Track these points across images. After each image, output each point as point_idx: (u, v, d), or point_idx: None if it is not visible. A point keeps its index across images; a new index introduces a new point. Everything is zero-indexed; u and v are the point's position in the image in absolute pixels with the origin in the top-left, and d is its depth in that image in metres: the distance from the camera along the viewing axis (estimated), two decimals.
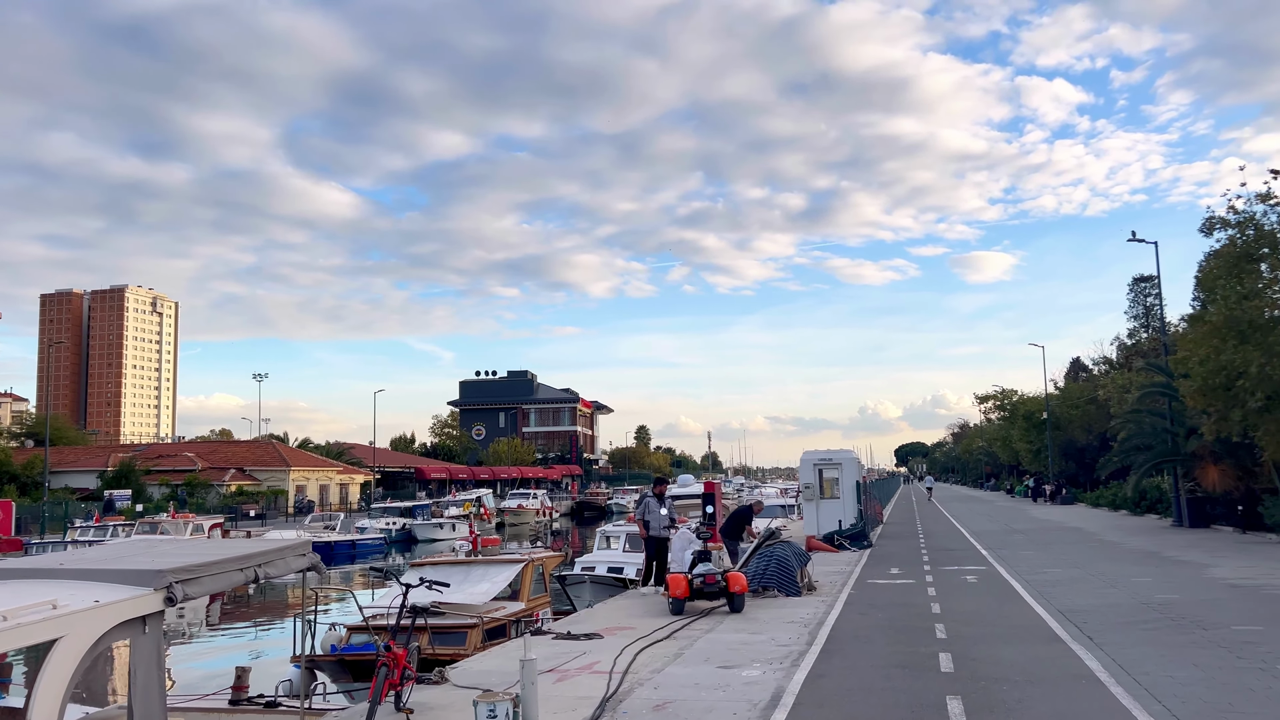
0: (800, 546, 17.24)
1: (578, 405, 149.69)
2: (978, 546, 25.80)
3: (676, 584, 14.26)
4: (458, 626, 12.85)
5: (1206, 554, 21.92)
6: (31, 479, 68.37)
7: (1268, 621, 12.25)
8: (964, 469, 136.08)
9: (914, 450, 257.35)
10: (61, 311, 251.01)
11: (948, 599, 15.28)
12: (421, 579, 9.59)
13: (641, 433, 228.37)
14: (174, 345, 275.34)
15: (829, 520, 29.08)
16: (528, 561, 15.17)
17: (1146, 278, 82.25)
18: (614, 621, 13.79)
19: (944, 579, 18.20)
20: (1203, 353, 23.42)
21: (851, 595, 16.19)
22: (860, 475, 30.85)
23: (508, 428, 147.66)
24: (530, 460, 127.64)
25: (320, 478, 75.33)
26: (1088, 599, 14.92)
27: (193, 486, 68.09)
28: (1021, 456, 68.96)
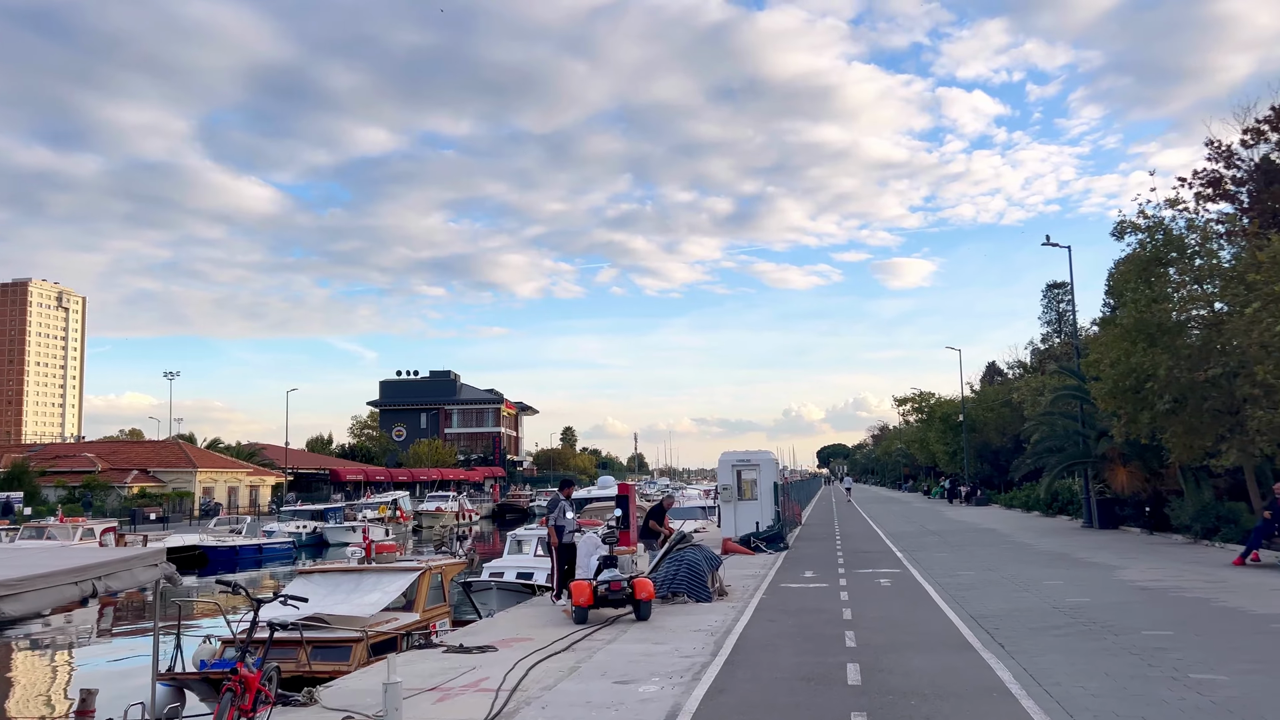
0: (712, 550, 16.70)
1: (501, 406, 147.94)
2: (893, 549, 25.66)
3: (580, 591, 13.56)
4: (340, 641, 11.97)
5: (1116, 555, 22.04)
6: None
7: (1177, 626, 12.06)
8: (883, 470, 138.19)
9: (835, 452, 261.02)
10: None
11: (860, 604, 14.88)
12: (276, 594, 8.71)
13: (567, 434, 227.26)
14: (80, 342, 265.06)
15: (746, 522, 28.74)
16: (424, 570, 14.31)
17: (1059, 284, 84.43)
18: (513, 632, 13.04)
19: (858, 582, 17.85)
20: (1113, 355, 23.61)
21: (763, 600, 15.70)
22: (778, 477, 30.58)
23: (429, 429, 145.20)
24: (452, 462, 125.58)
25: (229, 480, 72.72)
26: (999, 603, 14.66)
27: (92, 488, 65.07)
28: (938, 458, 69.94)
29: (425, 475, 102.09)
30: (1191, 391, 22.34)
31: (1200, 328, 22.90)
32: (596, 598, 13.59)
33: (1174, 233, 24.06)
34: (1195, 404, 22.38)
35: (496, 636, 12.58)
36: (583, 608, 13.53)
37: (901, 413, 75.64)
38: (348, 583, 14.01)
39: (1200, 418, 22.45)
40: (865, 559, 22.81)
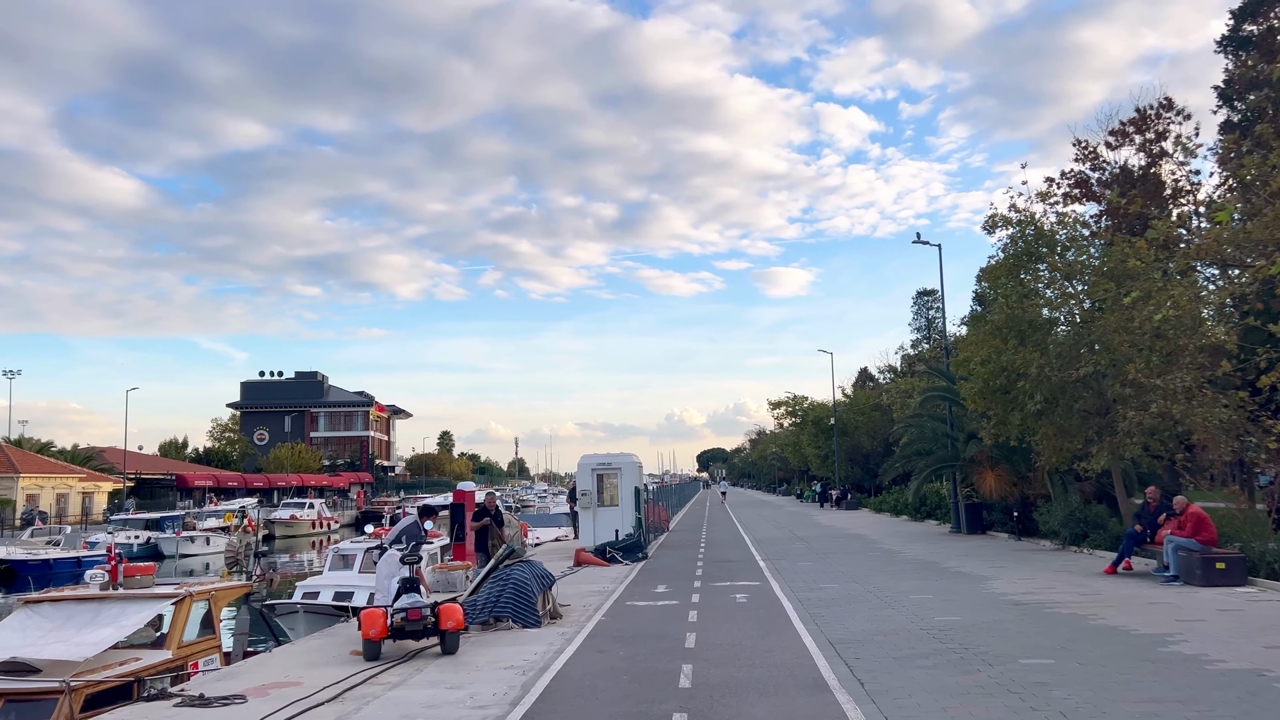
0: (544, 567, 14.56)
1: (371, 409, 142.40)
2: (757, 557, 24.06)
3: (370, 621, 11.21)
4: (39, 692, 9.33)
5: (985, 564, 20.92)
6: None
7: (1057, 652, 10.55)
8: (759, 474, 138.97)
9: (715, 456, 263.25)
10: None
11: (708, 627, 12.99)
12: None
13: (445, 439, 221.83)
14: None
15: (606, 530, 26.76)
16: (182, 597, 11.70)
17: (928, 291, 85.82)
18: (283, 673, 10.59)
19: (712, 599, 16.00)
20: (983, 354, 22.57)
21: (601, 623, 13.65)
22: (641, 481, 28.70)
23: (294, 433, 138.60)
24: (316, 467, 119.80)
25: (58, 486, 66.65)
26: (863, 623, 12.99)
27: None
28: (810, 462, 69.69)
29: (284, 481, 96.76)
30: (1062, 392, 21.43)
31: (1071, 325, 22.05)
32: (392, 629, 11.28)
33: (1044, 228, 23.22)
34: (1066, 404, 21.49)
35: (257, 681, 10.12)
36: (373, 641, 11.19)
37: (776, 416, 75.32)
38: (83, 614, 11.32)
39: (1070, 419, 21.57)
40: (726, 570, 21.07)
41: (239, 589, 13.33)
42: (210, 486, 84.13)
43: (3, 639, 10.78)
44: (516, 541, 19.81)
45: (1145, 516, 17.91)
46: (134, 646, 11.46)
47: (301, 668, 10.94)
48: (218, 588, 12.61)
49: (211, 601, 12.33)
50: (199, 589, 12.15)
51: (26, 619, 11.24)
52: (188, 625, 11.80)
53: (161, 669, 11.00)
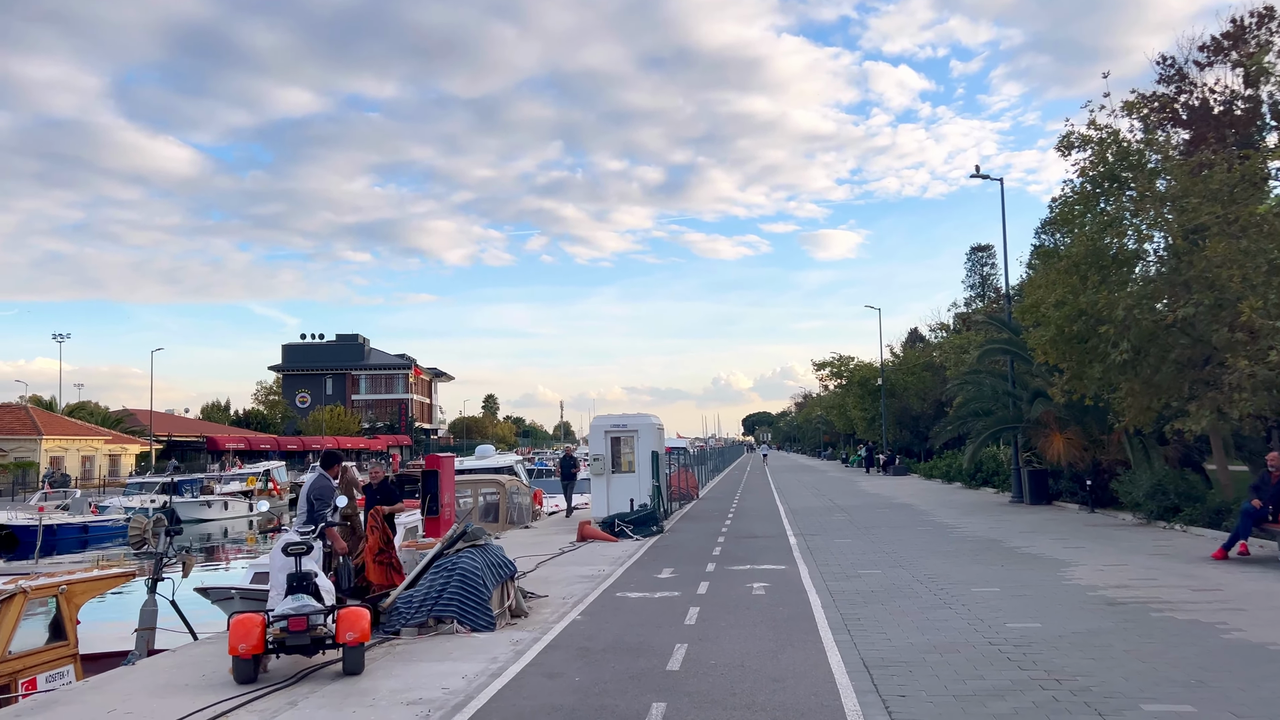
0: (501, 552, 11.60)
1: (409, 372, 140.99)
2: (789, 531, 20.95)
3: (241, 632, 8.32)
4: None
5: (1058, 542, 17.61)
6: None
7: (1192, 690, 7.33)
8: (804, 438, 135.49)
9: (761, 420, 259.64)
10: None
11: (707, 634, 9.96)
12: None
13: (489, 402, 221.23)
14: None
15: (621, 499, 23.90)
16: (9, 594, 8.92)
17: (983, 247, 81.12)
18: (118, 700, 7.78)
19: (722, 590, 12.96)
20: (1057, 294, 19.04)
21: (573, 626, 10.69)
22: (660, 445, 25.69)
23: (336, 395, 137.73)
24: (355, 430, 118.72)
25: (83, 448, 65.52)
26: (910, 632, 9.86)
27: None
28: (856, 425, 66.16)
29: (319, 444, 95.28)
30: (1154, 339, 17.90)
31: (1164, 259, 18.45)
32: (269, 643, 8.39)
33: (1131, 147, 19.55)
34: (1158, 354, 17.96)
35: (76, 714, 7.31)
36: (244, 660, 8.31)
37: (820, 377, 71.63)
38: None
39: (1162, 371, 18.04)
40: (749, 548, 18.00)
41: (112, 579, 10.58)
42: (242, 448, 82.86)
43: None
44: (471, 517, 16.88)
45: (1266, 490, 14.45)
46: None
47: (147, 694, 8.10)
48: (77, 579, 9.83)
49: (62, 598, 9.56)
50: (40, 583, 9.37)
51: None
52: (21, 630, 9.03)
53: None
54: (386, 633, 10.45)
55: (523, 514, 25.91)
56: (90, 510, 44.07)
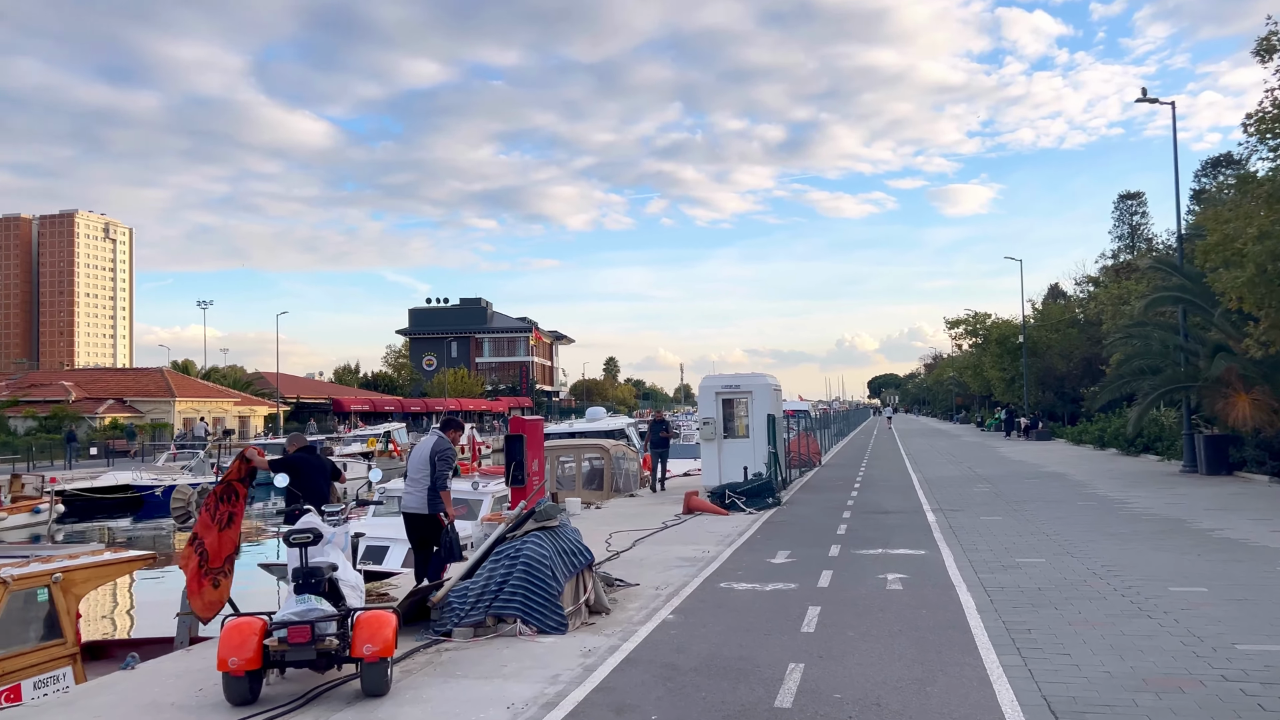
0: (577, 537, 9.63)
1: (530, 335, 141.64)
2: (925, 506, 18.41)
3: (234, 643, 6.57)
4: None
5: (1260, 523, 14.58)
6: None
7: None
8: (935, 401, 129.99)
9: (888, 382, 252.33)
10: (10, 237, 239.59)
11: (830, 650, 7.78)
12: None
13: (610, 364, 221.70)
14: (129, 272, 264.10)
15: (733, 466, 21.72)
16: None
17: (1132, 195, 74.86)
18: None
19: (849, 582, 10.71)
20: (1260, 224, 15.74)
21: (660, 630, 8.67)
22: (778, 407, 23.36)
23: (460, 358, 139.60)
24: (478, 392, 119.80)
25: (214, 410, 67.36)
26: (1105, 655, 7.43)
27: (61, 419, 60.02)
28: (994, 386, 61.92)
29: (443, 405, 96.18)
30: None
31: None
32: (268, 656, 6.64)
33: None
34: None
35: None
36: (237, 678, 6.57)
37: (953, 336, 67.35)
38: None
39: None
40: (880, 526, 15.61)
41: (121, 565, 9.11)
42: (367, 410, 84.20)
43: None
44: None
45: None
46: None
47: (119, 714, 6.47)
48: (76, 566, 8.35)
49: (57, 588, 8.07)
50: (28, 570, 7.89)
51: None
52: (2, 625, 7.57)
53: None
54: (437, 632, 8.66)
55: (629, 481, 24.07)
56: (213, 471, 44.65)
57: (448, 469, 10.44)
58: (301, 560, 6.99)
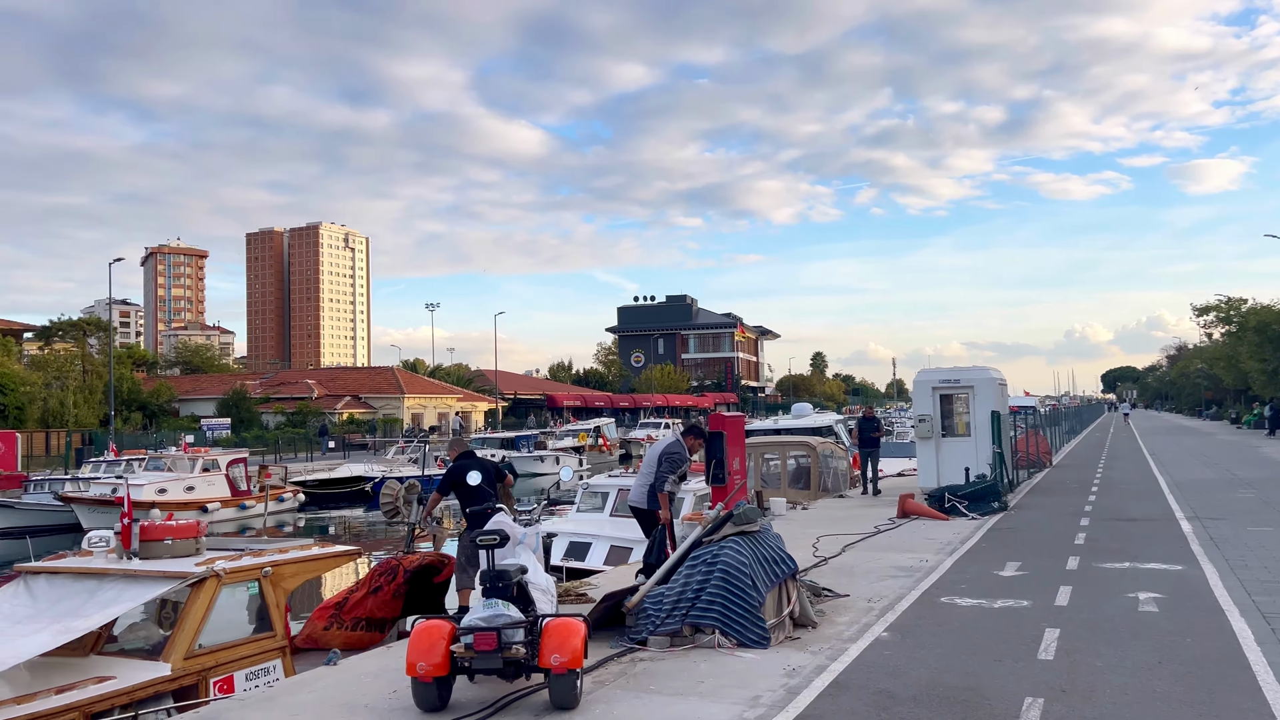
0: (779, 541, 8.95)
1: (735, 331, 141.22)
2: (1177, 513, 16.39)
3: (423, 646, 6.39)
4: None
5: None
6: (158, 406, 67.52)
7: None
8: (1180, 395, 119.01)
9: (1124, 375, 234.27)
10: (265, 249, 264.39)
11: (1074, 683, 6.73)
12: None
13: (817, 359, 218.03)
14: (366, 279, 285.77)
15: (953, 467, 20.26)
16: (200, 577, 7.69)
17: None
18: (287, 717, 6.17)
19: (1093, 600, 9.46)
20: None
21: (873, 649, 7.87)
22: (1001, 403, 21.65)
23: (666, 354, 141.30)
24: (683, 388, 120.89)
25: (438, 405, 71.17)
26: None
27: (305, 414, 65.23)
28: (1251, 379, 55.68)
29: (649, 401, 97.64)
30: None
31: None
32: (455, 663, 6.40)
33: None
34: None
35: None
36: (425, 683, 6.38)
37: (1202, 324, 61.14)
38: (76, 595, 7.71)
39: None
40: (1125, 536, 13.95)
41: (330, 559, 9.25)
42: (577, 406, 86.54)
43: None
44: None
45: None
46: (126, 654, 7.72)
47: (314, 713, 6.43)
48: (285, 560, 8.53)
49: (266, 582, 8.26)
50: (240, 564, 8.10)
51: (14, 596, 7.85)
52: (215, 618, 7.82)
53: (142, 693, 7.08)
54: (632, 640, 8.24)
55: (838, 481, 23.05)
56: (437, 464, 46.96)
57: (671, 470, 10.36)
58: (489, 563, 6.72)
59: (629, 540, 15.49)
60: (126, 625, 8.05)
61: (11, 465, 32.18)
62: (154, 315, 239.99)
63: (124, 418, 58.37)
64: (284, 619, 8.45)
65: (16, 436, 34.29)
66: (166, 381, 72.78)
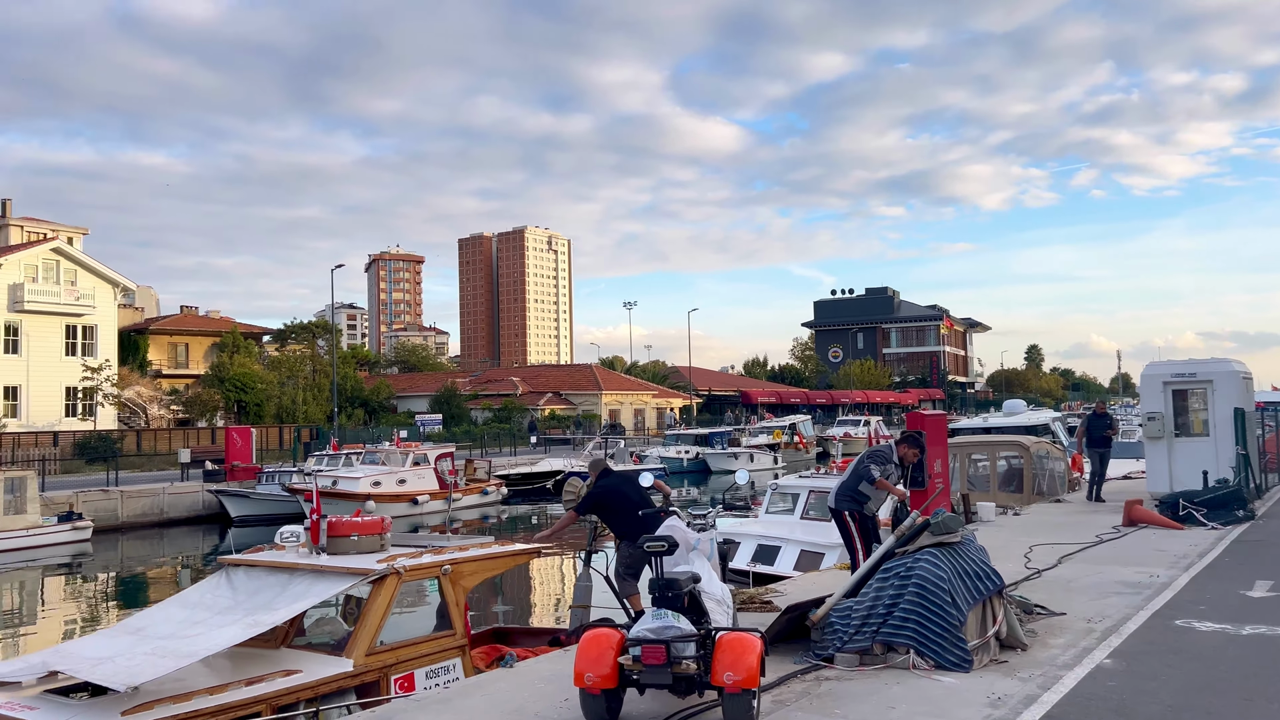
0: (983, 554, 8.10)
1: (941, 323, 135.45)
2: None
3: (591, 655, 6.11)
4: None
5: None
6: (378, 402, 72.01)
7: None
8: None
9: None
10: (475, 254, 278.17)
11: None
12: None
13: (1032, 353, 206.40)
14: (568, 280, 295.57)
15: (1187, 470, 18.31)
16: (381, 574, 7.77)
17: None
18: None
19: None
20: None
21: (1093, 678, 6.95)
22: (1247, 399, 19.35)
23: (866, 349, 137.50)
24: (885, 384, 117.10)
25: (634, 401, 72.16)
26: None
27: (510, 411, 67.75)
28: None
29: (848, 398, 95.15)
30: None
31: None
32: (624, 675, 6.08)
33: None
34: None
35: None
36: (593, 696, 6.10)
37: None
38: (270, 589, 8.00)
39: None
40: None
41: (509, 557, 9.15)
42: (772, 402, 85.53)
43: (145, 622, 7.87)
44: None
45: None
46: (312, 648, 7.88)
47: (499, 718, 6.30)
48: (465, 558, 8.51)
49: (446, 580, 8.26)
50: (421, 561, 8.13)
51: (215, 589, 8.23)
52: (396, 615, 7.88)
53: (325, 688, 7.20)
54: (818, 656, 7.68)
55: (1055, 484, 21.35)
56: (632, 460, 47.50)
57: (876, 464, 10.19)
58: (657, 571, 6.36)
59: (821, 545, 14.84)
60: (314, 619, 8.25)
61: (247, 458, 35.00)
62: (377, 318, 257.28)
63: (347, 414, 62.59)
64: (464, 617, 8.45)
65: (252, 432, 37.29)
66: (385, 379, 77.59)
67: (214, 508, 32.33)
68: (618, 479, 9.85)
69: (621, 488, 9.61)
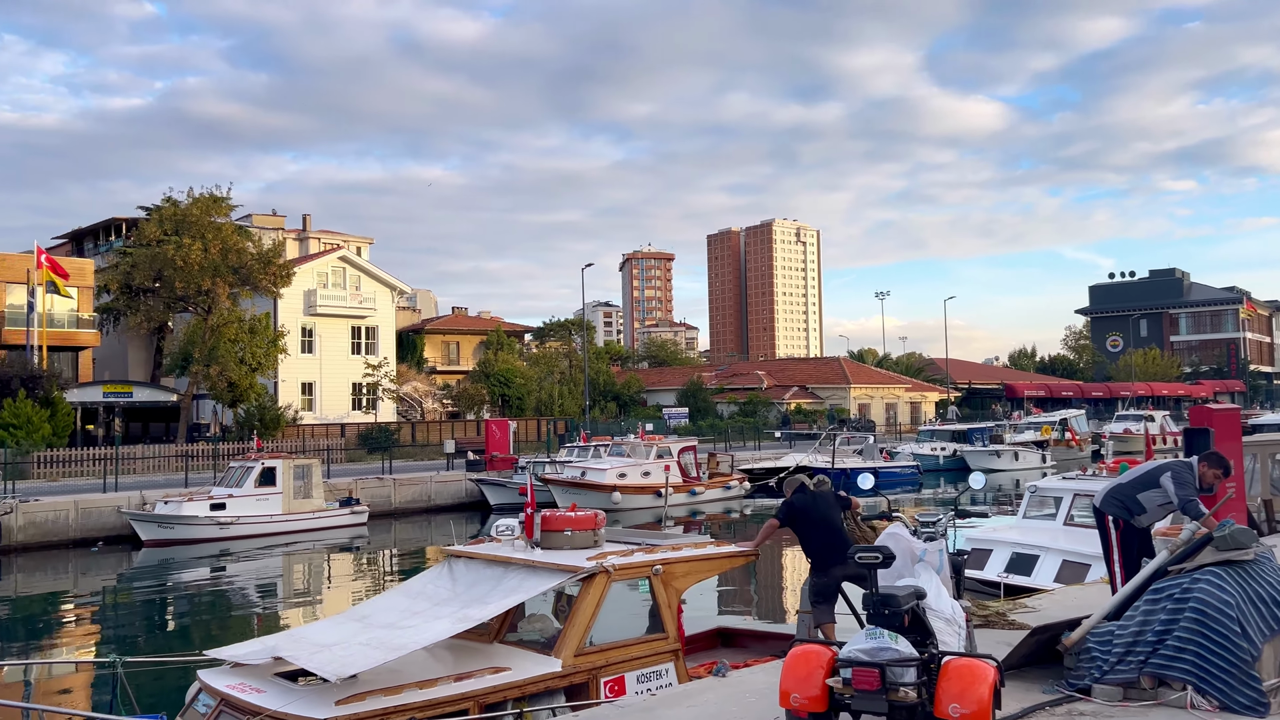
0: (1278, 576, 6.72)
1: (1241, 307, 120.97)
2: None
3: (799, 675, 5.56)
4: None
5: None
6: (629, 396, 74.07)
7: None
8: None
9: None
10: (723, 249, 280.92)
11: None
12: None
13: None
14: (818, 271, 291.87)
15: None
16: (591, 572, 7.59)
17: None
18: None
19: None
20: None
21: None
22: None
23: (1150, 336, 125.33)
24: (1172, 375, 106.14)
25: (885, 395, 69.57)
26: None
27: (755, 404, 67.41)
28: None
29: (1129, 391, 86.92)
30: None
31: None
32: (834, 698, 5.47)
33: None
34: None
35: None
36: (799, 718, 5.54)
37: None
38: (486, 581, 8.06)
39: None
40: None
41: (725, 559, 8.67)
42: (1040, 396, 79.68)
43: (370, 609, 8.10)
44: None
45: None
46: (523, 645, 7.78)
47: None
48: (677, 559, 8.15)
49: (656, 580, 7.95)
50: (631, 560, 7.87)
51: (439, 579, 8.39)
52: (606, 615, 7.68)
53: (536, 687, 7.09)
54: (1072, 686, 6.69)
55: None
56: (882, 456, 45.70)
57: (1183, 490, 7.87)
58: (870, 584, 5.70)
59: (1087, 555, 13.32)
60: (527, 616, 8.21)
61: (505, 448, 36.83)
62: (630, 314, 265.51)
63: (600, 407, 64.70)
64: (677, 620, 8.12)
65: (509, 423, 39.24)
66: (635, 374, 79.59)
67: (475, 495, 34.27)
68: (809, 498, 9.02)
69: (809, 509, 8.81)
